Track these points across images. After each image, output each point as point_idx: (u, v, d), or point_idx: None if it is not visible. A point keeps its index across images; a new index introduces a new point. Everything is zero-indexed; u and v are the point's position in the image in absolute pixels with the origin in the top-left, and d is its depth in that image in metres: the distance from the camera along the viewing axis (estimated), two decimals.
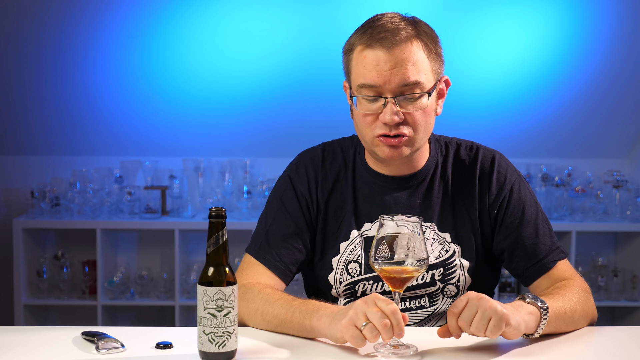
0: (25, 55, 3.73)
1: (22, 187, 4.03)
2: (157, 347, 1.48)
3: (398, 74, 1.61)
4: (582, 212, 3.87)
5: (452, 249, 1.73)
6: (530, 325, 1.48)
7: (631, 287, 3.91)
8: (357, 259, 1.74)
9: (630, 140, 4.12)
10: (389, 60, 1.61)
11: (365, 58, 1.63)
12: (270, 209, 1.79)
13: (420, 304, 1.74)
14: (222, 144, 4.05)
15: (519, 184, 1.77)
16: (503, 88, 3.90)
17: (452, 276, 1.73)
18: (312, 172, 1.79)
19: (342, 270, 1.75)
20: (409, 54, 1.62)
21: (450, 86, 1.74)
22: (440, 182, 1.77)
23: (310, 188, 1.78)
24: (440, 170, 1.78)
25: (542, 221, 1.75)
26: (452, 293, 1.73)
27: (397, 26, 1.63)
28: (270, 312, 1.59)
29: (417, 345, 1.48)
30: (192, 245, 3.99)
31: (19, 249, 3.73)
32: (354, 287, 1.75)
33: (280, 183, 1.82)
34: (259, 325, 1.61)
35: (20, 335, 1.57)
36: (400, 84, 1.61)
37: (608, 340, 1.59)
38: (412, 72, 1.61)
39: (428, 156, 1.78)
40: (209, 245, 1.40)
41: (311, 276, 1.83)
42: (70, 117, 3.94)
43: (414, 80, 1.62)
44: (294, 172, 1.80)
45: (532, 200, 1.76)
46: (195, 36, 3.75)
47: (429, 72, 1.65)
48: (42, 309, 3.99)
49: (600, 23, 3.74)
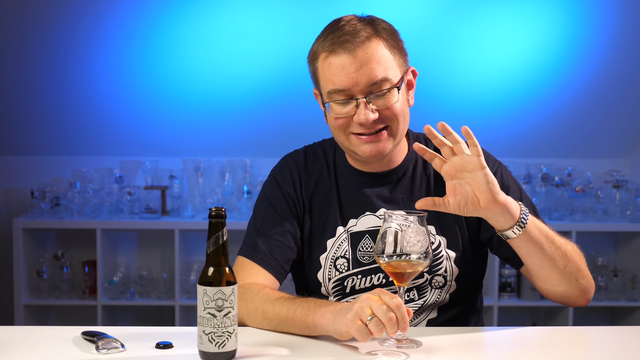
0: (25, 55, 3.73)
1: (22, 187, 4.03)
2: (157, 347, 1.48)
3: (365, 74, 1.64)
4: (582, 212, 3.88)
5: (438, 241, 1.76)
6: (510, 205, 1.54)
7: (631, 287, 3.91)
8: (345, 254, 1.76)
9: (630, 140, 4.12)
10: (354, 62, 1.64)
11: (330, 65, 1.67)
12: (258, 211, 1.82)
13: (409, 297, 1.75)
14: (222, 144, 4.05)
15: (501, 171, 1.80)
16: (503, 88, 3.90)
17: (439, 267, 1.75)
18: (296, 174, 1.82)
19: (330, 267, 1.77)
20: (372, 52, 1.65)
21: (417, 75, 1.77)
22: (422, 176, 1.80)
23: (295, 188, 1.81)
24: (422, 164, 1.81)
25: (526, 203, 1.74)
26: (440, 284, 1.75)
27: (355, 28, 1.67)
28: (271, 311, 1.59)
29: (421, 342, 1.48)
30: (192, 245, 3.99)
31: (19, 249, 3.73)
32: (342, 282, 1.77)
33: (266, 186, 1.85)
34: (260, 324, 1.62)
35: (20, 335, 1.57)
36: (369, 83, 1.65)
37: (608, 340, 1.60)
38: (378, 70, 1.65)
39: (407, 152, 1.81)
40: (209, 245, 1.40)
41: (301, 276, 1.85)
42: (70, 117, 3.94)
43: (381, 77, 1.65)
44: (278, 174, 1.84)
45: (515, 185, 1.79)
46: (195, 36, 3.75)
47: (395, 67, 1.68)
48: (42, 309, 3.99)
49: (600, 23, 3.74)
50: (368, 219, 1.78)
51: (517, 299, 3.83)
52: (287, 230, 1.78)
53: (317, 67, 1.71)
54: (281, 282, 1.77)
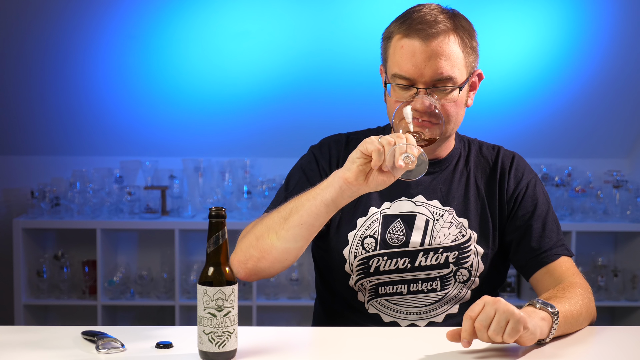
0: (25, 55, 3.73)
1: (22, 187, 4.03)
2: (157, 347, 1.48)
3: (432, 67, 1.65)
4: (582, 212, 3.88)
5: (469, 234, 1.77)
6: (543, 331, 1.49)
7: (631, 287, 3.91)
8: (374, 234, 1.77)
9: (630, 140, 4.12)
10: (424, 52, 1.65)
11: (402, 48, 1.67)
12: (291, 178, 1.83)
13: (431, 287, 1.76)
14: (222, 144, 4.05)
15: (535, 182, 1.83)
16: (503, 88, 3.89)
17: (466, 260, 1.76)
18: (335, 152, 1.83)
19: (358, 245, 1.77)
20: (444, 47, 1.66)
21: (483, 79, 1.79)
22: (462, 171, 1.83)
23: (332, 164, 1.82)
24: (464, 161, 1.84)
25: (551, 219, 1.80)
26: (464, 278, 1.76)
27: (436, 19, 1.67)
28: (281, 209, 1.63)
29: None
30: (192, 245, 3.99)
31: (19, 249, 3.73)
32: (367, 262, 1.76)
33: (303, 158, 1.87)
34: (276, 226, 1.62)
35: (20, 335, 1.57)
36: (433, 78, 1.66)
37: (608, 340, 1.59)
38: (446, 66, 1.66)
39: (453, 147, 1.84)
40: (209, 245, 1.40)
41: (324, 251, 1.83)
42: (70, 117, 3.94)
43: (447, 75, 1.66)
44: (317, 149, 1.86)
45: (544, 199, 1.82)
46: (195, 36, 3.74)
47: (462, 67, 1.69)
48: (42, 309, 3.99)
49: (600, 23, 3.74)
50: (403, 203, 1.78)
51: (517, 299, 3.84)
52: None
53: (389, 46, 1.71)
54: None
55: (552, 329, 1.51)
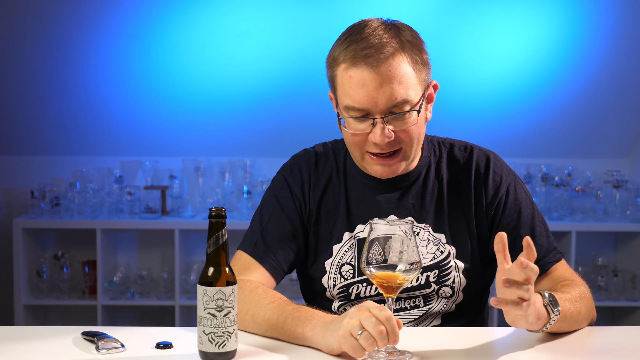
0: (25, 55, 3.73)
1: (22, 187, 4.03)
2: (157, 347, 1.48)
3: (385, 94, 1.58)
4: (582, 212, 3.87)
5: (447, 250, 1.72)
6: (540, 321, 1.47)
7: (631, 287, 3.91)
8: (350, 261, 1.73)
9: (630, 140, 4.12)
10: (375, 79, 1.58)
11: (350, 78, 1.60)
12: (265, 207, 1.78)
13: (414, 304, 1.73)
14: (222, 144, 4.05)
15: (515, 184, 1.76)
16: (503, 88, 3.90)
17: (447, 278, 1.72)
18: (306, 175, 1.78)
19: (336, 273, 1.74)
20: (395, 70, 1.58)
21: (438, 89, 1.72)
22: (434, 182, 1.75)
23: (304, 190, 1.77)
24: (434, 170, 1.76)
25: (538, 221, 1.74)
26: (447, 294, 1.72)
27: (381, 40, 1.59)
28: (261, 316, 1.56)
29: (412, 345, 1.48)
30: (192, 245, 3.99)
31: (19, 249, 3.73)
32: (347, 289, 1.74)
33: (275, 183, 1.81)
34: (249, 327, 1.58)
35: (20, 335, 1.57)
36: (388, 104, 1.59)
37: (608, 340, 1.59)
38: (400, 90, 1.58)
39: (420, 156, 1.76)
40: (209, 245, 1.40)
41: (306, 278, 1.82)
42: (70, 117, 3.94)
43: (402, 99, 1.59)
44: (288, 173, 1.80)
45: (528, 201, 1.76)
46: (195, 36, 3.75)
47: (416, 85, 1.62)
48: (42, 309, 3.99)
49: (600, 23, 3.74)
50: None
51: None
52: (293, 231, 1.75)
53: (336, 74, 1.65)
54: (278, 281, 1.74)
55: (548, 324, 1.48)
